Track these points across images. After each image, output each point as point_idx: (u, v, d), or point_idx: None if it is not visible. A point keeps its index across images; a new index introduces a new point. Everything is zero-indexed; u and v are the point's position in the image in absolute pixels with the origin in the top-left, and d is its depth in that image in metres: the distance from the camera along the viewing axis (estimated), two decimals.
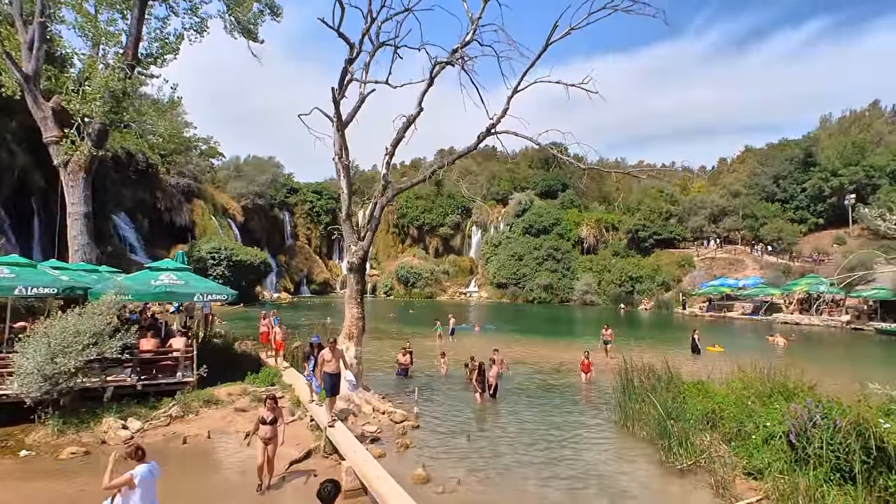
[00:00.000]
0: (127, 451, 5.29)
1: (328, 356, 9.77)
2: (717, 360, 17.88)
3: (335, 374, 9.73)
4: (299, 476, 8.07)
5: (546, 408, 12.74)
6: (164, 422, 10.22)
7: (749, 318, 43.31)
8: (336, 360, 9.79)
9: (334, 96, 11.51)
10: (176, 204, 58.24)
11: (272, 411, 7.68)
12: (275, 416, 7.67)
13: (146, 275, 12.43)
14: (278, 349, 15.71)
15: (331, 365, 9.71)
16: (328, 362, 9.70)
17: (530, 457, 9.26)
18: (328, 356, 9.77)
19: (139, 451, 5.31)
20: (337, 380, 9.73)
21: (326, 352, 9.86)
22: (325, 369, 9.66)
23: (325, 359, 9.71)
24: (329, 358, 9.74)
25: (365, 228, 12.50)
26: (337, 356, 9.88)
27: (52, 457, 8.64)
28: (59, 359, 9.30)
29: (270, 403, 7.74)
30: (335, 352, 9.94)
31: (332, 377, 9.69)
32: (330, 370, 9.69)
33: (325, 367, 9.67)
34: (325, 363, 9.67)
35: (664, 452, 8.98)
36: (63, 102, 18.75)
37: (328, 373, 9.69)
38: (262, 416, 7.67)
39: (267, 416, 7.63)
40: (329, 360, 9.69)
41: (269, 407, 7.71)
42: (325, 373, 9.68)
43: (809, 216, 56.36)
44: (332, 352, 9.86)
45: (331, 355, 9.79)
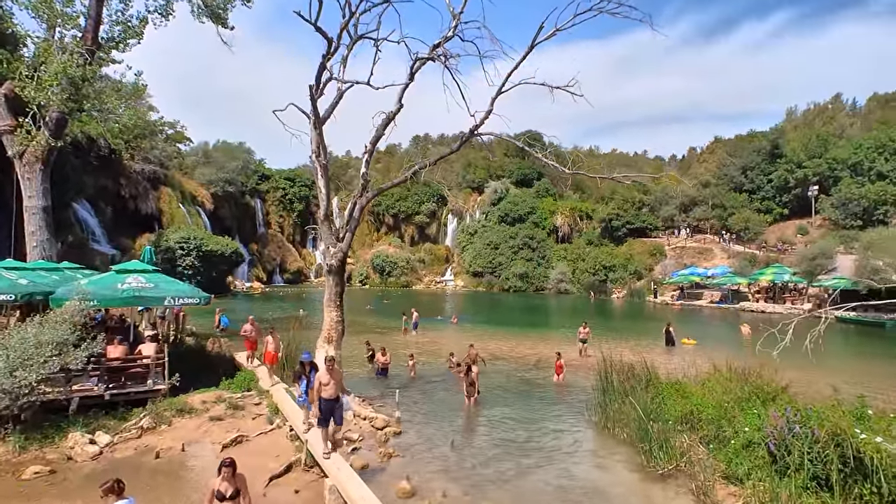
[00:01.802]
0: (105, 487, 4.97)
1: (325, 379, 8.42)
2: (692, 354, 18.32)
3: (333, 400, 8.39)
4: (279, 494, 7.85)
5: (527, 409, 12.78)
6: (135, 434, 9.80)
7: (717, 307, 44.69)
8: (336, 384, 8.45)
9: (311, 93, 11.05)
10: (141, 191, 56.04)
11: (231, 482, 5.67)
12: (235, 487, 5.68)
13: (112, 278, 11.83)
14: (270, 362, 13.16)
15: (328, 389, 8.36)
16: (325, 386, 8.32)
17: (514, 464, 9.25)
18: (325, 379, 8.42)
19: (118, 484, 5.00)
20: (335, 406, 8.41)
21: (323, 373, 8.51)
22: (321, 394, 8.32)
23: (322, 382, 8.33)
24: (326, 381, 8.37)
25: (344, 229, 12.16)
26: (336, 379, 8.54)
27: (13, 477, 8.16)
28: (19, 372, 8.77)
29: (227, 472, 5.66)
30: (334, 373, 8.55)
31: (329, 403, 8.36)
32: (327, 395, 8.34)
33: (321, 392, 8.33)
34: (321, 387, 8.33)
35: (645, 456, 9.11)
36: (16, 89, 17.58)
37: (325, 398, 8.34)
38: (217, 488, 5.63)
39: (225, 490, 5.62)
40: (326, 384, 8.33)
41: (224, 476, 5.65)
42: (322, 398, 8.33)
43: (775, 206, 58.18)
44: (330, 373, 8.47)
45: (328, 378, 8.42)
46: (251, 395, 11.94)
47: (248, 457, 9.18)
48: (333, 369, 8.53)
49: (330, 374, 8.43)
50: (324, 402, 8.32)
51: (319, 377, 8.44)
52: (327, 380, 8.41)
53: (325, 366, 8.61)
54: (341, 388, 8.49)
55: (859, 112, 79.35)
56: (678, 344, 21.69)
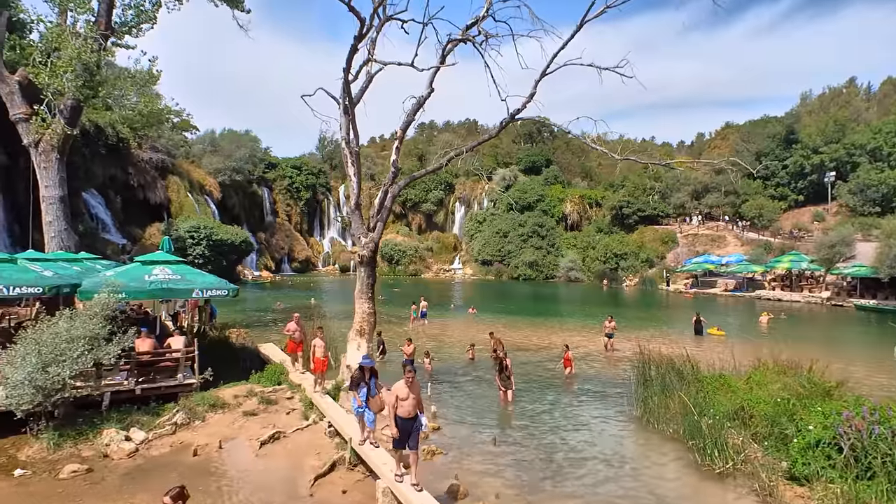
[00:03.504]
0: (172, 495, 4.70)
1: (403, 392, 7.04)
2: (722, 346, 17.96)
3: (411, 419, 7.06)
4: (326, 494, 7.57)
5: (562, 403, 12.48)
6: (170, 430, 9.55)
7: (732, 295, 44.21)
8: (415, 400, 7.10)
9: (346, 77, 10.60)
10: (150, 180, 55.68)
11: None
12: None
13: (139, 269, 11.52)
14: (319, 370, 11.22)
15: (406, 405, 7.03)
16: (403, 401, 7.00)
17: (562, 462, 8.95)
18: (403, 392, 7.04)
19: (184, 491, 4.73)
20: (413, 427, 7.11)
21: (401, 386, 7.07)
22: (397, 411, 7.02)
23: (400, 396, 7.01)
24: (405, 395, 7.03)
25: (375, 219, 11.78)
26: (416, 393, 7.16)
27: (51, 476, 7.93)
28: (53, 368, 8.50)
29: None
30: (413, 387, 7.13)
31: (406, 422, 7.03)
32: (404, 413, 7.01)
33: (397, 408, 7.03)
34: (398, 402, 7.02)
35: (698, 454, 8.79)
36: (30, 75, 17.19)
37: (402, 416, 7.02)
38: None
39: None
40: (404, 399, 7.01)
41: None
42: (398, 416, 7.02)
43: (790, 193, 57.32)
44: (409, 386, 7.07)
45: (407, 391, 7.05)
46: (283, 389, 11.68)
47: (287, 454, 8.96)
48: (414, 382, 7.17)
49: (409, 387, 7.09)
50: (400, 421, 7.06)
51: (396, 390, 7.11)
52: (406, 394, 7.07)
53: (405, 377, 7.16)
54: (420, 405, 7.25)
55: (874, 96, 77.87)
56: (705, 334, 21.32)
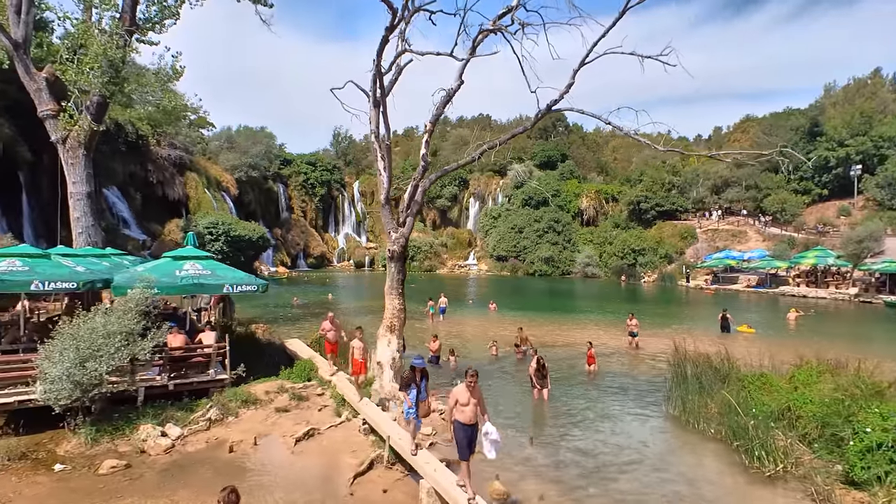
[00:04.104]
0: (223, 496, 4.60)
1: (464, 397, 6.61)
2: (752, 344, 17.53)
3: (472, 426, 6.64)
4: (367, 493, 7.45)
5: (596, 401, 12.23)
6: (204, 426, 9.52)
7: (754, 291, 43.35)
8: (476, 405, 6.66)
9: (379, 70, 10.42)
10: (168, 177, 56.27)
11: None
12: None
13: (169, 264, 11.50)
14: (359, 372, 10.55)
15: (467, 411, 6.61)
16: (463, 407, 6.57)
17: (603, 462, 8.73)
18: (464, 397, 6.61)
19: (233, 494, 4.62)
20: (474, 434, 6.66)
21: (461, 391, 6.65)
22: (457, 417, 6.63)
23: (460, 401, 6.58)
24: (465, 400, 6.60)
25: (405, 214, 11.61)
26: (478, 398, 6.70)
27: (90, 472, 7.93)
28: (90, 363, 8.50)
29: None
30: (475, 391, 6.67)
31: (467, 430, 6.61)
32: (465, 419, 6.60)
33: (456, 414, 6.63)
34: (458, 407, 6.61)
35: (745, 455, 8.51)
36: (57, 72, 17.29)
37: (463, 423, 6.60)
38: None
39: None
40: (465, 404, 6.58)
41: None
42: (458, 422, 6.63)
43: (814, 187, 55.97)
44: (469, 391, 6.62)
45: (468, 396, 6.61)
46: (313, 385, 11.61)
47: (322, 451, 8.87)
48: (475, 386, 6.70)
49: (470, 391, 6.62)
50: (460, 428, 6.63)
51: (456, 395, 6.66)
52: (466, 398, 6.61)
53: (466, 381, 6.68)
54: (482, 410, 6.81)
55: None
56: (733, 331, 20.86)
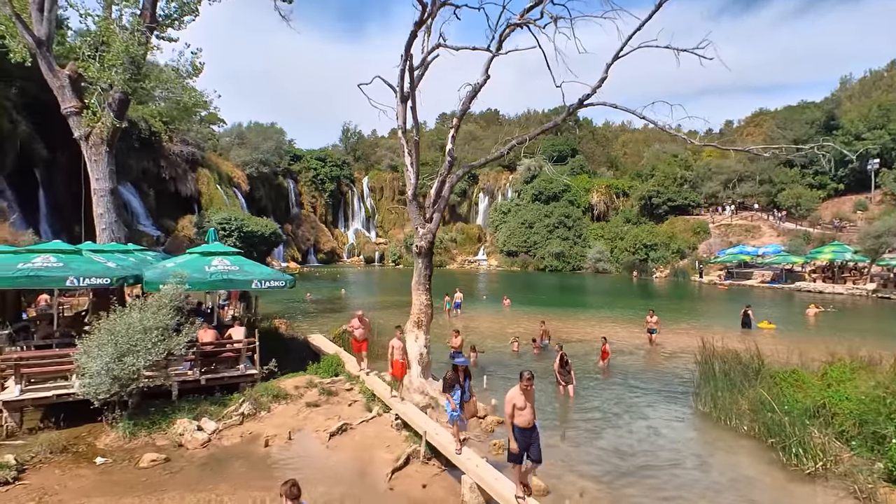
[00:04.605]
0: (284, 490, 4.66)
1: (521, 401, 6.43)
2: (775, 340, 17.39)
3: (529, 429, 6.50)
4: (407, 488, 7.48)
5: (622, 397, 12.18)
6: (237, 420, 9.61)
7: (769, 287, 42.96)
8: (532, 409, 6.54)
9: (404, 64, 10.38)
10: (181, 173, 56.61)
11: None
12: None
13: (198, 260, 11.58)
14: (397, 374, 10.26)
15: (524, 414, 6.45)
16: (520, 410, 6.42)
17: (638, 459, 8.70)
18: (521, 401, 6.43)
19: (295, 488, 4.67)
20: (532, 437, 6.52)
21: (517, 394, 6.45)
22: (514, 420, 6.44)
23: (517, 405, 6.42)
24: (522, 404, 6.44)
25: (432, 210, 11.60)
26: (532, 400, 6.57)
27: (131, 465, 8.03)
28: (128, 358, 8.59)
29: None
30: (530, 394, 6.52)
31: (525, 433, 6.47)
32: (522, 422, 6.44)
33: (514, 418, 6.45)
34: (515, 411, 6.43)
35: (782, 453, 8.45)
36: (80, 69, 17.41)
37: (520, 426, 6.44)
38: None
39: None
40: (522, 408, 6.43)
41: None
42: (516, 426, 6.44)
43: (829, 181, 55.28)
44: (525, 393, 6.45)
45: (524, 399, 6.44)
46: (340, 381, 11.67)
47: (356, 446, 8.92)
48: (531, 389, 6.55)
49: (525, 394, 6.48)
50: (518, 432, 6.45)
51: (513, 399, 6.46)
52: (523, 402, 6.45)
53: (522, 384, 6.48)
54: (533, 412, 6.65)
55: None
56: (754, 327, 20.69)
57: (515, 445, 6.43)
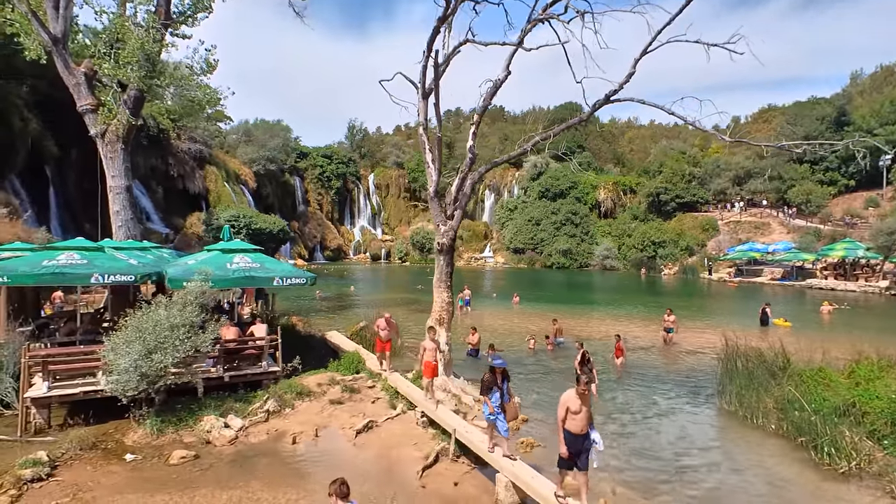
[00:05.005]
0: (333, 488, 4.64)
1: (575, 405, 6.15)
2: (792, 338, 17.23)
3: (582, 436, 6.18)
4: (439, 485, 7.45)
5: (645, 395, 12.12)
6: (262, 418, 9.60)
7: (779, 284, 42.72)
8: (587, 413, 6.23)
9: (426, 61, 10.31)
10: (189, 171, 56.75)
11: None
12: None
13: (220, 258, 11.57)
14: (431, 375, 9.96)
15: (578, 420, 6.14)
16: (574, 415, 6.12)
17: (668, 458, 8.64)
18: (575, 405, 6.15)
19: (344, 486, 4.64)
20: (584, 444, 6.19)
21: (572, 397, 6.19)
22: (566, 426, 6.18)
23: (571, 409, 6.13)
24: (577, 408, 6.14)
25: (452, 207, 11.54)
26: (588, 405, 6.26)
27: (161, 462, 8.03)
28: (156, 355, 8.60)
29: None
30: (586, 398, 6.22)
31: (577, 439, 6.16)
32: (576, 428, 6.15)
33: (567, 423, 6.18)
34: (568, 415, 6.15)
35: (813, 452, 8.38)
36: (95, 67, 17.44)
37: (572, 432, 6.16)
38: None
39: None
40: (577, 412, 6.13)
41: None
42: (568, 431, 6.17)
43: (840, 178, 54.86)
44: (581, 398, 6.16)
45: (579, 404, 6.14)
46: (362, 378, 11.66)
47: (382, 444, 8.90)
48: (587, 393, 6.23)
49: (581, 398, 6.17)
50: (570, 438, 6.17)
51: (567, 402, 6.20)
52: (578, 406, 6.14)
53: (577, 388, 6.22)
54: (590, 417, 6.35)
55: None
56: (771, 325, 20.55)
57: (565, 450, 6.21)
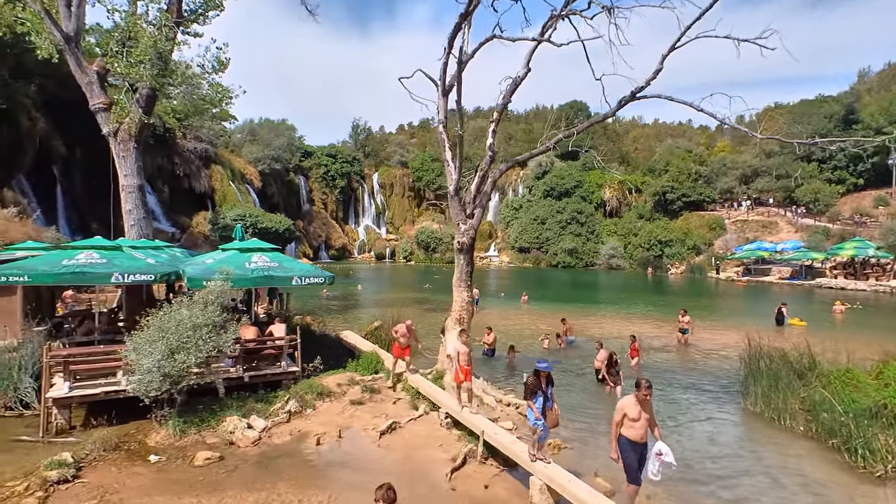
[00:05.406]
0: (380, 494, 4.53)
1: (634, 411, 5.78)
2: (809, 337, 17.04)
3: (642, 445, 5.82)
4: (469, 488, 7.34)
5: (667, 395, 11.98)
6: (284, 418, 9.50)
7: (788, 283, 42.47)
8: (647, 421, 5.85)
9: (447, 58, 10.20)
10: (194, 170, 56.75)
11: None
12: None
13: (238, 257, 11.47)
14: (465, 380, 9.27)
15: (637, 427, 5.78)
16: (633, 422, 5.75)
17: (698, 461, 8.52)
18: (634, 411, 5.78)
19: (391, 491, 4.53)
20: (644, 455, 5.85)
21: (630, 403, 5.85)
22: (625, 433, 5.81)
23: (630, 416, 5.76)
24: (636, 414, 5.76)
25: (473, 205, 11.43)
26: (649, 411, 5.89)
27: (185, 463, 7.94)
28: (179, 355, 8.51)
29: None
30: (646, 404, 5.87)
31: (637, 449, 5.81)
32: (635, 436, 5.78)
33: (624, 429, 5.80)
34: (626, 422, 5.78)
35: (847, 454, 8.25)
36: (108, 65, 17.37)
37: (631, 440, 5.79)
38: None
39: None
40: (635, 419, 5.75)
41: None
42: (626, 439, 5.80)
43: (848, 176, 54.56)
44: (641, 404, 5.81)
45: (638, 410, 5.78)
46: (381, 378, 11.55)
47: (407, 445, 8.79)
48: (648, 399, 5.85)
49: (641, 404, 5.79)
50: (629, 447, 5.75)
51: (625, 408, 5.82)
52: (637, 413, 5.75)
53: (637, 393, 5.83)
54: (653, 425, 5.96)
55: None
56: (786, 325, 20.39)
57: (616, 455, 5.94)
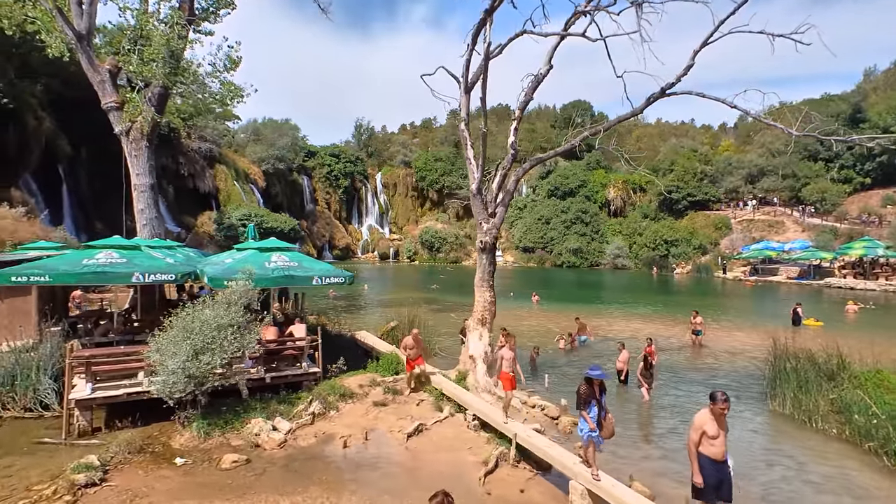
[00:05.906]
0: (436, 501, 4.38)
1: (713, 428, 5.50)
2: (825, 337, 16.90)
3: (722, 463, 5.53)
4: (504, 492, 7.19)
5: (691, 394, 11.85)
6: (308, 420, 9.36)
7: (796, 283, 42.26)
8: (725, 437, 5.59)
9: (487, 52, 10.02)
10: (199, 170, 56.62)
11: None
12: None
13: (257, 256, 11.33)
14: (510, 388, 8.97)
15: (717, 444, 5.49)
16: (712, 439, 5.47)
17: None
18: (713, 428, 5.50)
19: (448, 497, 4.38)
20: (725, 474, 5.55)
21: (707, 418, 5.56)
22: (702, 450, 5.52)
23: (708, 433, 5.47)
24: (714, 432, 5.49)
25: (495, 205, 11.28)
26: (725, 426, 5.60)
27: (212, 466, 7.80)
28: (204, 357, 8.37)
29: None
30: (722, 420, 5.57)
31: (717, 468, 5.51)
32: (716, 454, 5.49)
33: (702, 446, 5.51)
34: (704, 440, 5.49)
35: (887, 458, 8.09)
36: (120, 64, 17.24)
37: (710, 458, 5.51)
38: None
39: None
40: (714, 437, 5.47)
41: None
42: (705, 457, 5.51)
43: (855, 175, 54.31)
44: (718, 420, 5.52)
45: (716, 427, 5.50)
46: (403, 379, 11.39)
47: (435, 448, 8.66)
48: (725, 414, 5.54)
49: (717, 419, 5.51)
50: (710, 466, 5.47)
51: (702, 424, 5.52)
52: (715, 430, 5.49)
53: (713, 407, 5.53)
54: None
55: None
56: (802, 325, 20.21)
57: (700, 479, 5.51)
